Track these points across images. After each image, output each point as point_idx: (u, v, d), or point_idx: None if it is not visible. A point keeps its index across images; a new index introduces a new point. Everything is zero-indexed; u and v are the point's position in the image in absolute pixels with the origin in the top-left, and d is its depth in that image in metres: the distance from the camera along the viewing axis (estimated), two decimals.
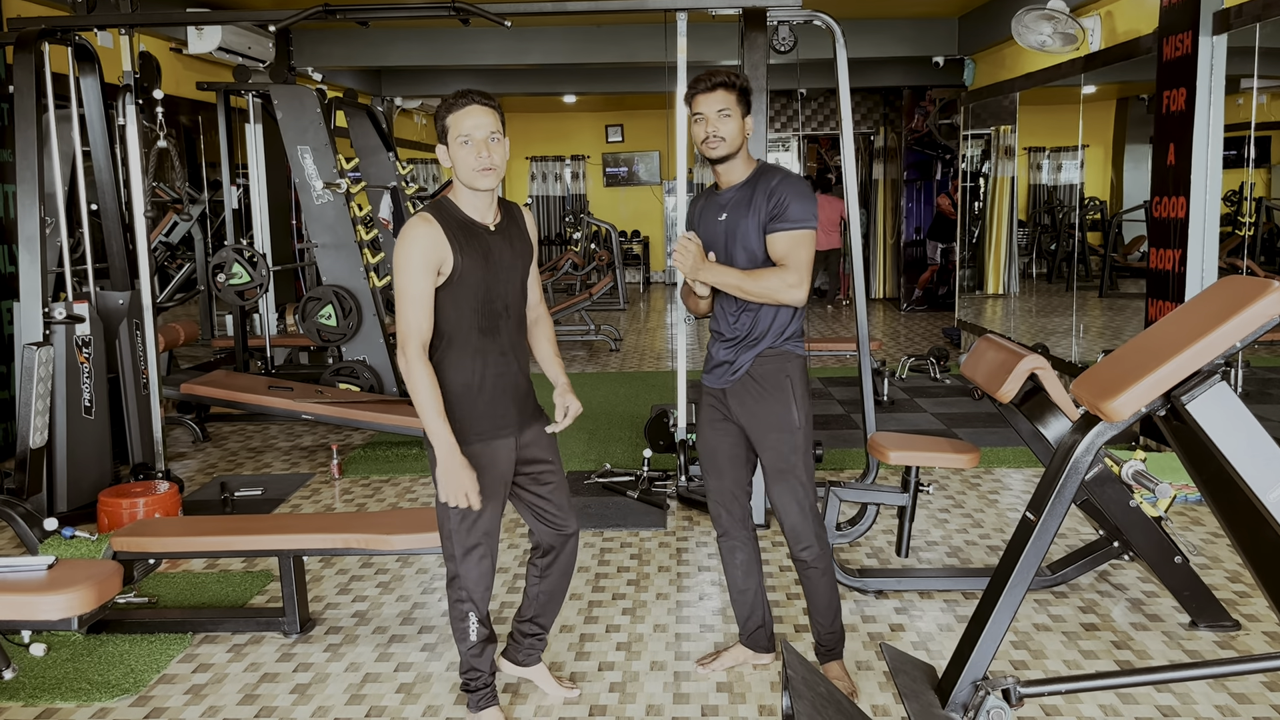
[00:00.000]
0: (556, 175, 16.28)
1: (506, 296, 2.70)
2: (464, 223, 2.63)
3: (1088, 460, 2.46)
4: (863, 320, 4.77)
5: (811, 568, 3.04)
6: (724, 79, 2.86)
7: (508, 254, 2.70)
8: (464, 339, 2.65)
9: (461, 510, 2.69)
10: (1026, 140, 9.66)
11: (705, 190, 3.10)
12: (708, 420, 3.09)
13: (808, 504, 2.98)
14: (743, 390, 2.98)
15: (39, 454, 4.61)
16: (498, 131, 2.59)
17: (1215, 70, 5.27)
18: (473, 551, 2.75)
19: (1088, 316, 9.05)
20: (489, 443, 2.72)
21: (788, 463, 2.96)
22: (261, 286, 6.89)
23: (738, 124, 2.88)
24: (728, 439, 3.05)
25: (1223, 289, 2.45)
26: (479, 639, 2.82)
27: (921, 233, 12.40)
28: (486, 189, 2.62)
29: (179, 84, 7.94)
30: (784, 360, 2.97)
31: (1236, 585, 3.88)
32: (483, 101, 2.59)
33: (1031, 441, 3.78)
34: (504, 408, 2.74)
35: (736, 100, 2.87)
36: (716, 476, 3.10)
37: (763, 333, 2.95)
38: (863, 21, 9.27)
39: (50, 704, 3.13)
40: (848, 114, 4.73)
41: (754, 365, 2.96)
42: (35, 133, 4.69)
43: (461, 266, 2.58)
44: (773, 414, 2.95)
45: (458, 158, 2.58)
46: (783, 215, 2.84)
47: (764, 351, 2.95)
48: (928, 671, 2.71)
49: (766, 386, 2.95)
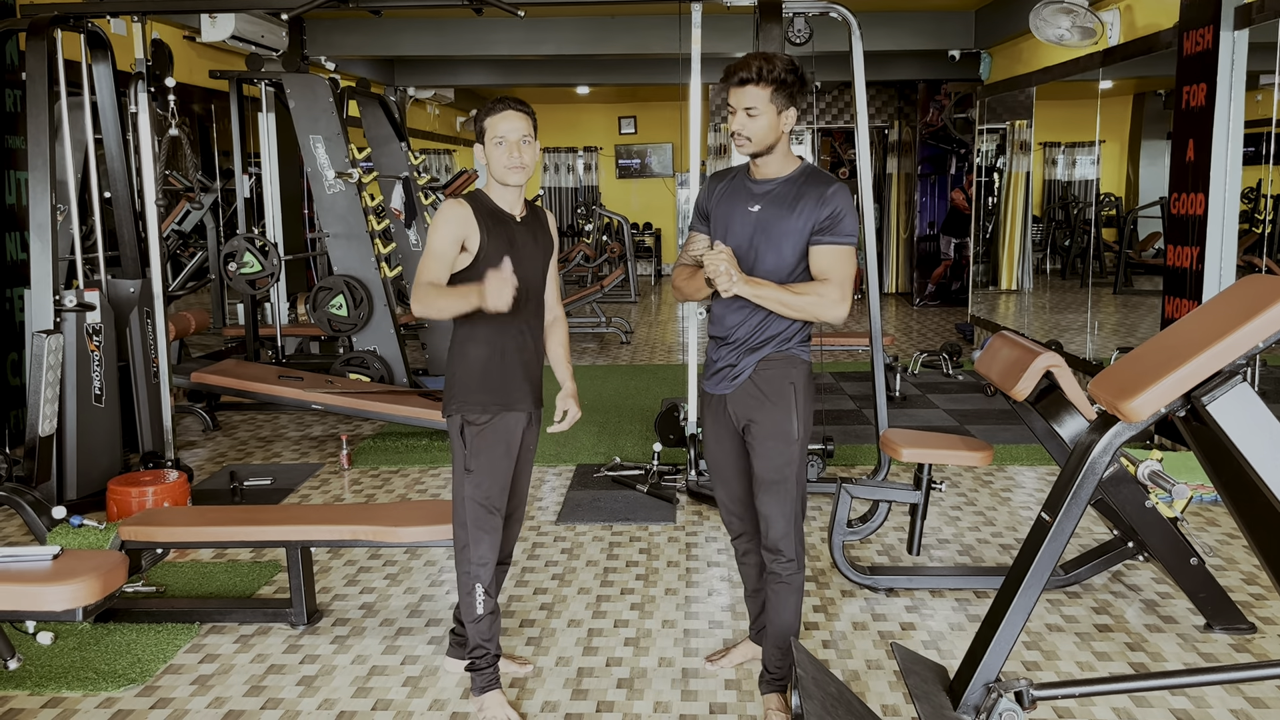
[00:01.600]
0: (569, 167, 16.25)
1: (528, 280, 2.87)
2: (493, 210, 2.87)
3: (1105, 461, 2.42)
4: (876, 315, 4.73)
5: (784, 583, 2.85)
6: (753, 74, 2.64)
7: (530, 243, 2.92)
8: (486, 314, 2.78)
9: (475, 479, 2.85)
10: (1042, 135, 9.59)
11: (731, 172, 2.90)
12: (711, 430, 2.94)
13: (795, 518, 2.82)
14: (744, 395, 2.81)
15: (48, 442, 4.61)
16: (529, 135, 2.82)
17: (1236, 66, 5.21)
18: (482, 522, 2.87)
19: (1102, 313, 8.98)
20: (505, 413, 2.88)
21: (781, 474, 2.79)
22: (273, 276, 6.88)
23: (769, 121, 2.67)
24: (734, 448, 2.91)
25: (1244, 288, 2.41)
26: (485, 610, 2.91)
27: (935, 227, 12.33)
28: (515, 185, 2.85)
29: (192, 72, 7.93)
30: (789, 365, 2.80)
31: (1252, 587, 3.84)
32: (518, 108, 2.82)
33: (1046, 440, 3.74)
34: (520, 383, 2.92)
35: (770, 97, 2.65)
36: (725, 485, 2.98)
37: (770, 336, 2.79)
38: (878, 14, 9.20)
39: (56, 693, 3.12)
40: (863, 107, 4.69)
41: (757, 370, 2.79)
42: (48, 120, 4.68)
43: (488, 246, 2.81)
44: (771, 421, 2.78)
45: (492, 156, 2.82)
46: (835, 228, 2.67)
47: (768, 356, 2.79)
48: (939, 672, 2.68)
49: (768, 393, 2.78)
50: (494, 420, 2.87)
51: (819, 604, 3.74)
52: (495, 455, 2.87)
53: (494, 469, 2.87)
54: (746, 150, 2.71)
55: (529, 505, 4.91)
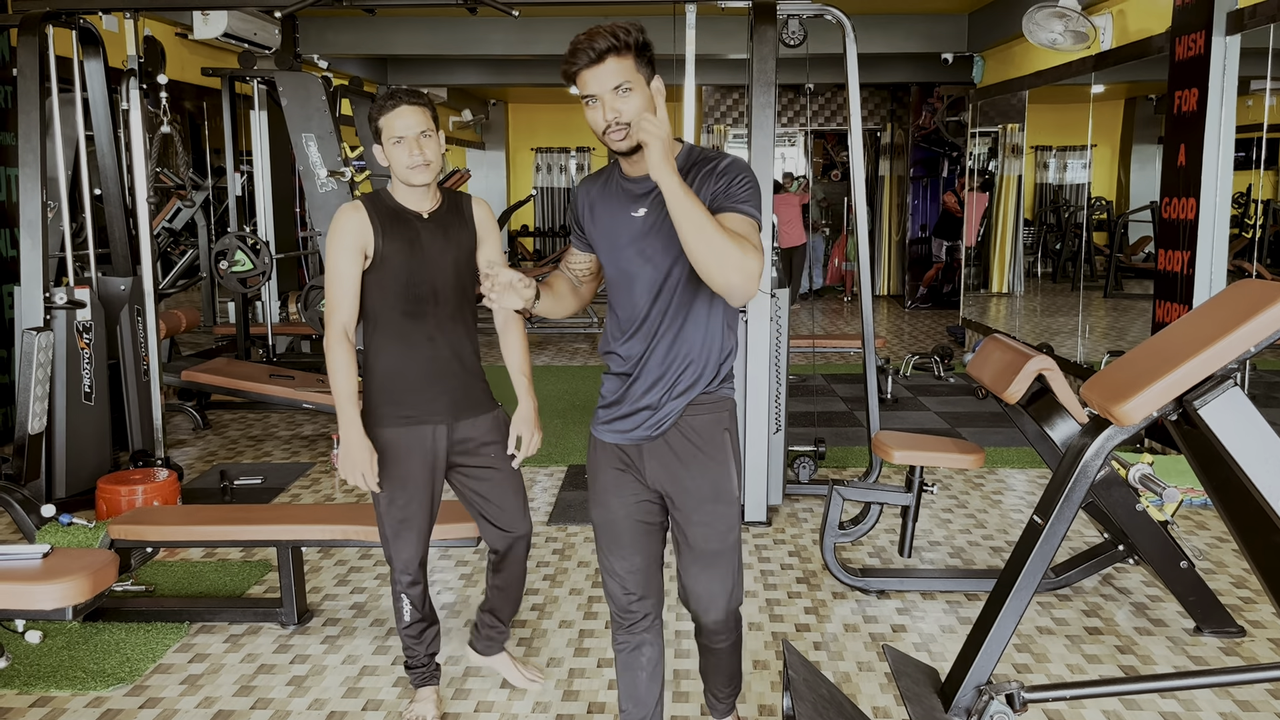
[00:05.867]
0: (561, 167, 16.23)
1: (434, 282, 2.67)
2: (394, 210, 2.68)
3: (1097, 464, 2.43)
4: (868, 317, 4.74)
5: (724, 652, 2.52)
6: (610, 42, 2.07)
7: (439, 241, 2.69)
8: (388, 322, 2.67)
9: (388, 495, 2.72)
10: (1034, 139, 9.61)
11: (601, 175, 2.32)
12: (610, 485, 2.32)
13: (739, 594, 2.37)
14: (666, 449, 2.24)
15: (38, 440, 4.59)
16: (429, 129, 2.63)
17: (1228, 71, 5.23)
18: (400, 535, 2.77)
19: (1093, 316, 9.02)
20: (409, 428, 2.70)
21: (725, 542, 2.28)
22: (264, 274, 6.85)
23: (643, 96, 2.09)
24: (641, 506, 2.31)
25: (1236, 293, 2.42)
26: (412, 619, 2.88)
27: (927, 230, 12.35)
28: (421, 184, 2.65)
29: (184, 69, 7.89)
30: (720, 409, 2.26)
31: (1242, 591, 3.85)
32: (412, 101, 2.62)
33: (1037, 443, 3.75)
34: (431, 395, 2.71)
35: (635, 66, 2.08)
36: (625, 557, 2.33)
37: (701, 369, 2.22)
38: (873, 16, 9.22)
39: (45, 692, 3.11)
40: (857, 110, 4.70)
41: (684, 415, 2.22)
42: (38, 116, 4.66)
43: (384, 250, 2.62)
44: (708, 481, 2.24)
45: (393, 157, 2.63)
46: (738, 196, 2.10)
47: (698, 398, 2.22)
48: (930, 674, 2.68)
49: (700, 445, 2.23)
50: (391, 435, 2.68)
51: (810, 606, 3.74)
52: (407, 470, 2.70)
53: (406, 484, 2.71)
54: (628, 143, 2.11)
55: None
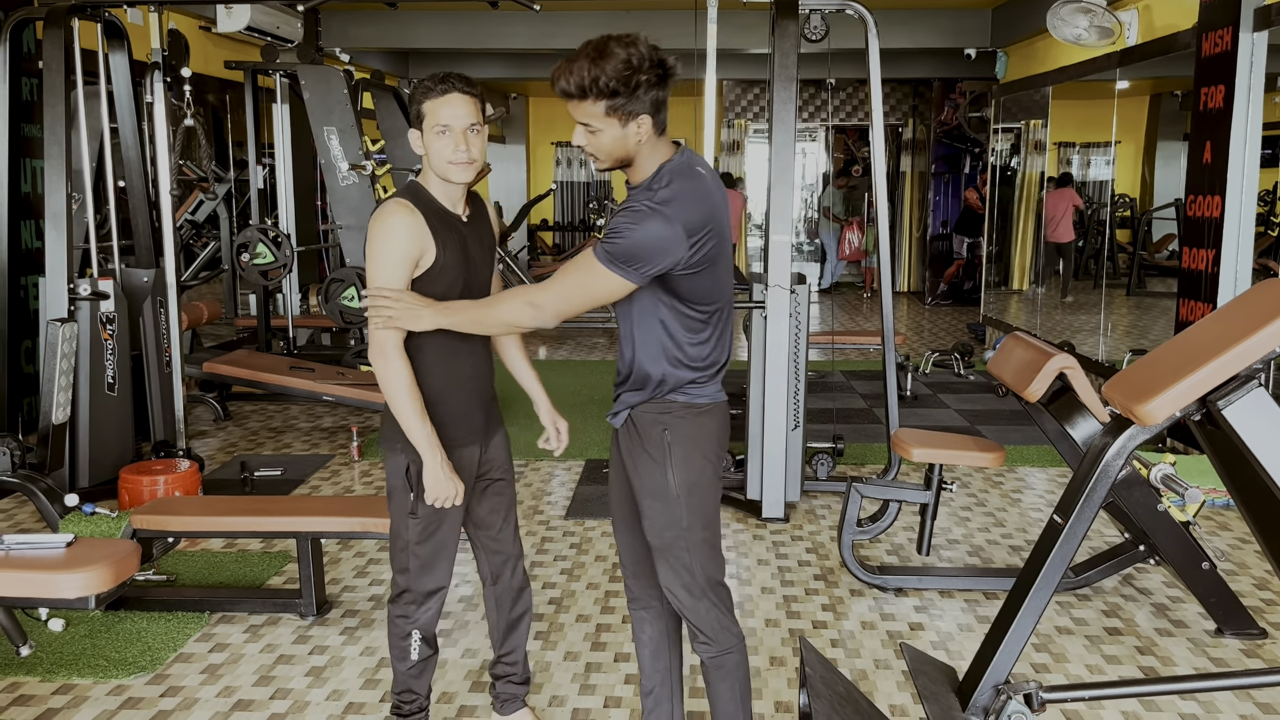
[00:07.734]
0: (581, 161, 16.23)
1: (480, 293, 2.49)
2: (441, 212, 2.41)
3: (1119, 464, 2.41)
4: (888, 313, 4.72)
5: (711, 670, 2.40)
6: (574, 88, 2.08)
7: (478, 248, 2.50)
8: (437, 341, 2.42)
9: (424, 523, 2.48)
10: (1057, 135, 9.54)
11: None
12: (613, 463, 2.48)
13: (697, 589, 2.35)
14: (625, 437, 2.37)
15: (61, 430, 4.63)
16: (478, 122, 2.36)
17: (1255, 67, 5.18)
18: (435, 564, 2.55)
19: (1115, 315, 8.94)
20: (458, 450, 2.49)
21: (663, 539, 2.33)
22: (285, 267, 6.90)
23: (613, 135, 2.13)
24: (626, 489, 2.44)
25: (1262, 293, 2.40)
26: (420, 657, 2.61)
27: (949, 226, 12.29)
28: (461, 183, 2.40)
29: (207, 62, 7.94)
30: (664, 411, 2.30)
31: (1264, 592, 3.82)
32: (465, 89, 2.34)
33: (1058, 442, 3.72)
34: (474, 414, 2.53)
35: (605, 111, 2.09)
36: (619, 532, 2.52)
37: (646, 373, 2.30)
38: (895, 11, 9.17)
39: (67, 679, 3.14)
40: (879, 105, 4.67)
41: (635, 412, 2.34)
42: (64, 109, 4.70)
43: (444, 260, 2.38)
44: (648, 474, 2.33)
45: (433, 147, 2.36)
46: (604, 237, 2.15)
47: (650, 398, 2.31)
48: (948, 673, 2.67)
49: (643, 440, 2.33)
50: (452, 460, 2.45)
51: (828, 603, 3.73)
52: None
53: (450, 513, 2.49)
54: (601, 167, 2.19)
55: (538, 500, 4.91)
